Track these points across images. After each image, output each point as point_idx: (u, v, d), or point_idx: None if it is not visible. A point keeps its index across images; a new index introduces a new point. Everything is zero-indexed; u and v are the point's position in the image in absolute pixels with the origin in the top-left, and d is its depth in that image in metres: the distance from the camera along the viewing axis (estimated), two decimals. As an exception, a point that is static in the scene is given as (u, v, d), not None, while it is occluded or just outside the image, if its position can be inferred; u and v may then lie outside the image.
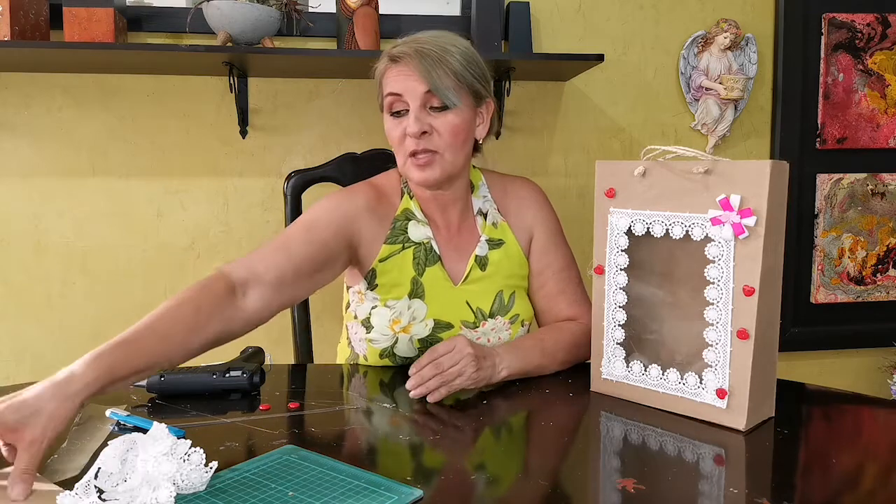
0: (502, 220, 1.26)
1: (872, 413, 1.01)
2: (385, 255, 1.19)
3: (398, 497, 0.68)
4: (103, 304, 1.76)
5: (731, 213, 0.87)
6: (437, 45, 1.12)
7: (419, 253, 1.20)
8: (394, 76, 1.13)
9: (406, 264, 1.19)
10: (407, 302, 1.18)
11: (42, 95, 1.71)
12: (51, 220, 1.74)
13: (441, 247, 1.22)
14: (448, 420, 0.95)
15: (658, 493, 0.72)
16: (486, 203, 1.26)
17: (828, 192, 2.00)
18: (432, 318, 1.18)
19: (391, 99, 1.13)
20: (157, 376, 0.99)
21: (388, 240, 1.20)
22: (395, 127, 1.14)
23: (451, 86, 1.11)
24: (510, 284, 1.24)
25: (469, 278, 1.21)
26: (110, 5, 1.54)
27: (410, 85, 1.11)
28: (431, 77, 1.10)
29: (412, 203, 1.22)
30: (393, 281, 1.19)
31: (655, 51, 1.92)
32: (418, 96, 1.11)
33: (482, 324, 1.20)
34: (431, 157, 1.13)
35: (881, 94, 1.99)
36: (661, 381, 0.95)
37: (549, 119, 1.90)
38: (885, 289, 2.06)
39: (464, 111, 1.14)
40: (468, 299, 1.21)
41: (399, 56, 1.12)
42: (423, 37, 1.14)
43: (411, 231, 1.20)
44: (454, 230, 1.24)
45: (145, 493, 0.65)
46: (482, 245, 1.23)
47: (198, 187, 1.78)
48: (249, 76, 1.76)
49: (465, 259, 1.22)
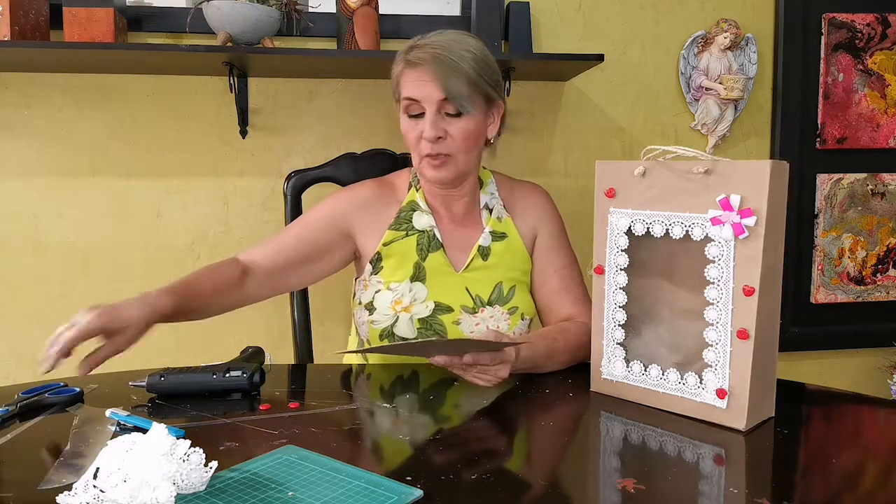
0: (507, 216, 1.31)
1: (872, 413, 1.01)
2: (389, 240, 1.26)
3: (398, 497, 0.68)
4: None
5: (731, 213, 0.87)
6: (453, 51, 1.16)
7: (423, 240, 1.26)
8: (412, 81, 1.17)
9: (410, 249, 1.26)
10: (409, 284, 1.24)
11: (42, 95, 1.71)
12: (51, 220, 1.74)
13: (444, 235, 1.27)
14: (448, 420, 0.95)
15: (658, 493, 0.72)
16: (493, 200, 1.32)
17: (828, 192, 2.00)
18: (433, 301, 1.23)
19: (408, 102, 1.18)
20: (158, 376, 0.99)
21: (393, 226, 1.27)
22: (412, 129, 1.19)
23: (465, 93, 1.16)
24: (511, 277, 1.27)
25: (470, 266, 1.26)
26: (110, 5, 1.54)
27: (427, 91, 1.16)
28: (448, 85, 1.15)
29: (418, 195, 1.29)
30: (396, 264, 1.25)
31: (655, 51, 1.92)
32: (434, 102, 1.16)
33: (481, 310, 1.24)
34: (445, 158, 1.19)
35: (881, 94, 1.99)
36: (661, 381, 0.95)
37: (549, 119, 1.90)
38: (885, 289, 2.06)
39: (476, 116, 1.20)
40: (468, 286, 1.25)
41: (417, 61, 1.16)
42: (440, 41, 1.18)
43: (416, 220, 1.27)
44: (458, 221, 1.29)
45: (145, 493, 0.65)
46: (486, 236, 1.28)
47: (198, 187, 1.78)
48: (249, 76, 1.76)
49: (468, 248, 1.28)
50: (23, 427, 0.88)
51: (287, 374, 1.16)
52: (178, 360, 1.52)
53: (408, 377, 1.11)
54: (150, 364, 1.13)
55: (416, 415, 0.95)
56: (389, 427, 0.92)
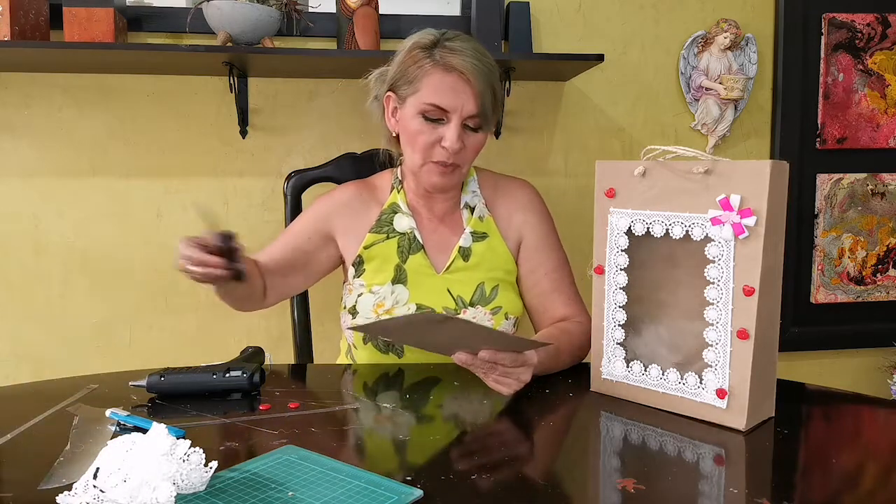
0: (489, 215, 1.30)
1: (872, 413, 1.01)
2: (370, 243, 1.26)
3: (398, 497, 0.68)
4: (103, 305, 1.77)
5: (731, 213, 0.87)
6: (486, 64, 1.15)
7: (403, 242, 1.26)
8: (445, 87, 1.13)
9: (390, 252, 1.25)
10: (390, 287, 1.23)
11: (42, 95, 1.71)
12: (51, 220, 1.74)
13: (424, 237, 1.27)
14: (448, 420, 0.95)
15: (658, 493, 0.72)
16: (475, 198, 1.30)
17: (828, 192, 2.00)
18: (415, 303, 1.22)
19: (430, 107, 1.14)
20: (158, 376, 0.98)
21: (373, 229, 1.26)
22: (428, 133, 1.16)
23: (491, 111, 1.17)
24: (493, 277, 1.26)
25: (451, 268, 1.25)
26: (110, 5, 1.54)
27: (460, 102, 1.14)
28: (483, 101, 1.14)
29: (399, 196, 1.28)
30: (377, 267, 1.25)
31: (655, 51, 1.92)
32: (465, 114, 1.14)
33: (463, 311, 1.23)
34: (454, 168, 1.19)
35: (881, 94, 1.99)
36: (661, 381, 0.95)
37: (549, 119, 1.90)
38: (885, 289, 2.06)
39: (487, 131, 1.20)
40: (450, 287, 1.24)
41: (453, 67, 1.13)
42: (468, 48, 1.15)
43: (396, 222, 1.27)
44: (438, 222, 1.28)
45: (145, 493, 0.65)
46: (466, 237, 1.27)
47: (198, 187, 1.78)
48: (249, 76, 1.76)
49: (448, 249, 1.27)
50: (23, 427, 0.88)
51: (287, 374, 1.16)
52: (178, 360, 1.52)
53: (408, 378, 1.11)
54: (150, 364, 1.13)
55: (416, 415, 0.95)
56: (389, 427, 0.92)
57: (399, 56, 1.20)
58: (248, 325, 1.81)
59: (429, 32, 1.19)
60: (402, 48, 1.20)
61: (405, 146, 1.22)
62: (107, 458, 0.67)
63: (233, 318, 1.80)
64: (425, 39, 1.17)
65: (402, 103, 1.19)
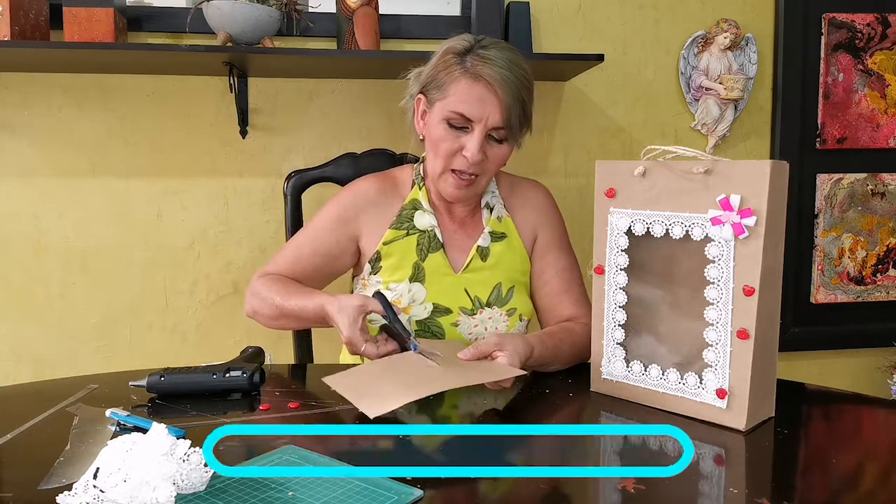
0: (507, 215, 1.30)
1: (872, 413, 1.01)
2: (390, 239, 1.24)
3: (398, 497, 0.68)
4: (103, 305, 1.77)
5: (731, 213, 0.87)
6: (518, 76, 1.13)
7: (423, 240, 1.24)
8: (473, 98, 1.12)
9: (410, 249, 1.24)
10: (407, 285, 1.22)
11: (42, 95, 1.71)
12: (51, 220, 1.74)
13: (445, 235, 1.26)
14: (448, 420, 0.95)
15: (658, 493, 0.72)
16: (494, 198, 1.30)
17: (828, 192, 2.00)
18: (431, 303, 1.22)
19: (456, 116, 1.13)
20: (157, 376, 0.98)
21: (394, 225, 1.25)
22: (450, 140, 1.15)
23: (518, 124, 1.14)
24: (510, 278, 1.26)
25: (470, 267, 1.25)
26: (110, 5, 1.54)
27: (486, 113, 1.12)
28: (510, 114, 1.12)
29: (420, 193, 1.27)
30: (395, 264, 1.24)
31: (655, 51, 1.92)
32: (489, 125, 1.13)
33: (479, 312, 1.23)
34: (473, 179, 1.18)
35: (881, 94, 1.99)
36: (661, 381, 0.95)
37: (549, 119, 1.90)
38: (885, 289, 2.06)
39: (513, 143, 1.19)
40: (467, 287, 1.24)
41: (482, 77, 1.11)
42: (503, 58, 1.12)
43: (417, 219, 1.25)
44: (459, 221, 1.28)
45: (145, 493, 0.65)
46: (485, 236, 1.26)
47: (198, 187, 1.78)
48: (249, 76, 1.76)
49: (467, 249, 1.26)
50: (23, 427, 0.88)
51: (287, 374, 1.16)
52: (178, 360, 1.52)
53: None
54: (150, 364, 1.13)
55: (416, 415, 0.95)
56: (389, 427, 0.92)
57: (433, 59, 1.19)
58: (248, 325, 1.81)
59: (464, 38, 1.16)
60: (438, 51, 1.19)
61: (428, 150, 1.21)
62: (107, 458, 0.67)
63: (233, 318, 1.80)
64: (459, 45, 1.15)
65: (430, 107, 1.18)
